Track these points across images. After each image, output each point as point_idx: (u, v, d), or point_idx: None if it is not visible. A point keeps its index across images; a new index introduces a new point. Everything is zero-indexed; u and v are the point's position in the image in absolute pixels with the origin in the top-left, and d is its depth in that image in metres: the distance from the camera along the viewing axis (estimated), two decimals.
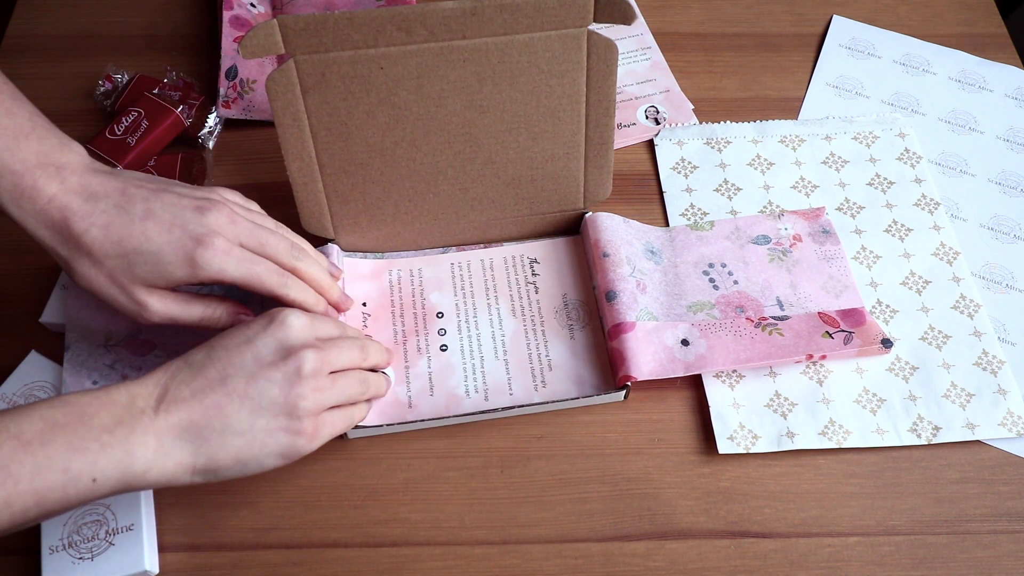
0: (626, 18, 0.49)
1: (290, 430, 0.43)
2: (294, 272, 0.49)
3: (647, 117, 0.68)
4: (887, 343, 0.55)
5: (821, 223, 0.62)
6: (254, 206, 0.51)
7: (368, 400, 0.51)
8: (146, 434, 0.40)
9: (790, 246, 0.61)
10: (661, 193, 0.64)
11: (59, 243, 0.44)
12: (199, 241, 0.45)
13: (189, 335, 0.52)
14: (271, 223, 0.50)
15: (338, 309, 0.53)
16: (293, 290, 0.49)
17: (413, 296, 0.58)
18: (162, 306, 0.46)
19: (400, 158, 0.54)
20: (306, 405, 0.43)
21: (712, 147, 0.66)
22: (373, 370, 0.52)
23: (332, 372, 0.46)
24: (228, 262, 0.45)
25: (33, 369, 0.54)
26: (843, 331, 0.56)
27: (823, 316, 0.57)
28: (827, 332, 0.56)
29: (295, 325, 0.45)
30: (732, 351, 0.54)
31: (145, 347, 0.54)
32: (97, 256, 0.44)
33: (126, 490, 0.40)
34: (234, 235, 0.46)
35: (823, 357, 0.55)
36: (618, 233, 0.58)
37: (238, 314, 0.50)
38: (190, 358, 0.43)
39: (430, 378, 0.54)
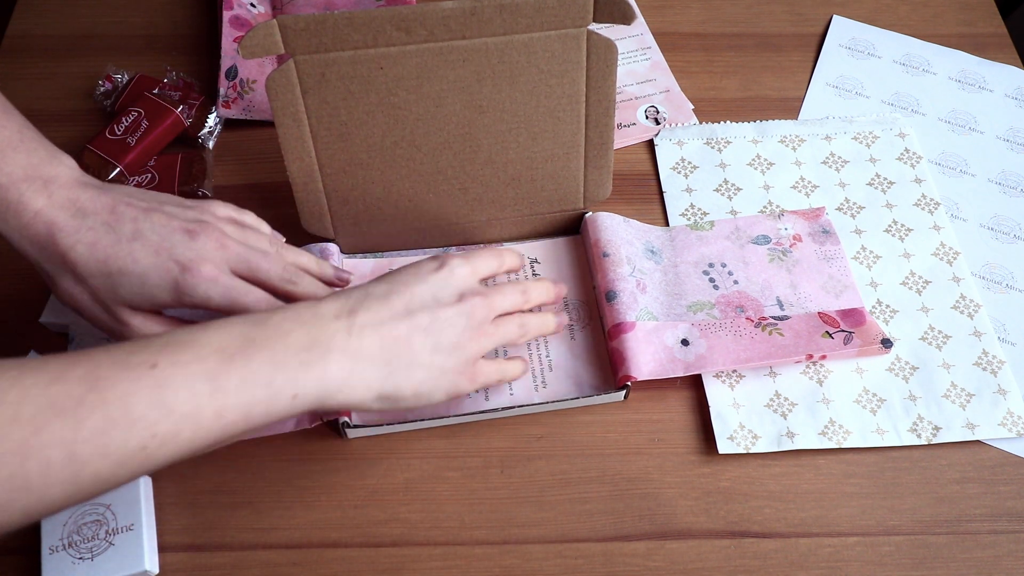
0: (626, 18, 0.49)
1: (457, 371, 0.45)
2: (287, 297, 0.48)
3: (647, 117, 0.68)
4: (887, 343, 0.55)
5: (821, 223, 0.62)
6: (250, 218, 0.50)
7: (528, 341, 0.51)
8: (342, 353, 0.41)
9: (790, 246, 0.61)
10: (661, 193, 0.64)
11: (44, 258, 0.44)
12: (185, 267, 0.44)
13: None
14: (265, 243, 0.48)
15: None
16: None
17: None
18: (144, 328, 0.46)
19: (400, 158, 0.54)
20: (473, 349, 0.45)
21: (712, 147, 0.66)
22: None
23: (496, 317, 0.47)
24: (214, 289, 0.45)
25: None
26: (843, 331, 0.56)
27: (823, 316, 0.57)
28: (827, 332, 0.55)
29: (461, 275, 0.46)
30: (732, 351, 0.54)
31: None
32: (81, 274, 0.44)
33: (318, 408, 0.41)
34: (222, 260, 0.45)
35: (823, 357, 0.55)
36: (618, 233, 0.58)
37: None
38: (370, 289, 0.44)
39: None
